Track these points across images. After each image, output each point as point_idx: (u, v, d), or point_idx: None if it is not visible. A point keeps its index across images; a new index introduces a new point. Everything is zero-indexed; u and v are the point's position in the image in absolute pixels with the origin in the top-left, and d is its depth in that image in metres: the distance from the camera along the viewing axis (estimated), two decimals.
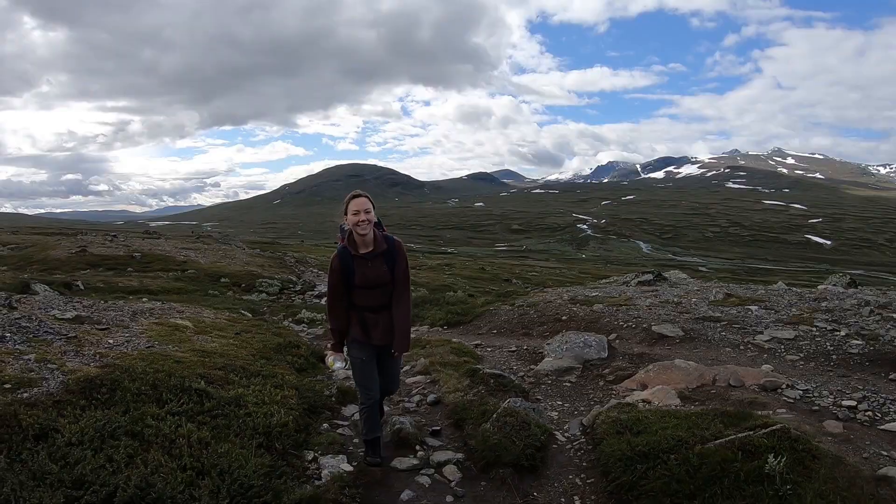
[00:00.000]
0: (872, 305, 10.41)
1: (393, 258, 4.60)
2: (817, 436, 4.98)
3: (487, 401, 5.76)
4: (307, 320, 13.49)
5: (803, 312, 10.00)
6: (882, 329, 8.87)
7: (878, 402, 6.36)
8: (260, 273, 26.20)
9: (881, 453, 5.15)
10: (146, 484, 3.42)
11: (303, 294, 21.99)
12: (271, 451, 4.47)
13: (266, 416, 4.86)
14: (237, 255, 33.30)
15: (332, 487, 4.10)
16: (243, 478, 3.73)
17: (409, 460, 4.90)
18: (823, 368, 7.66)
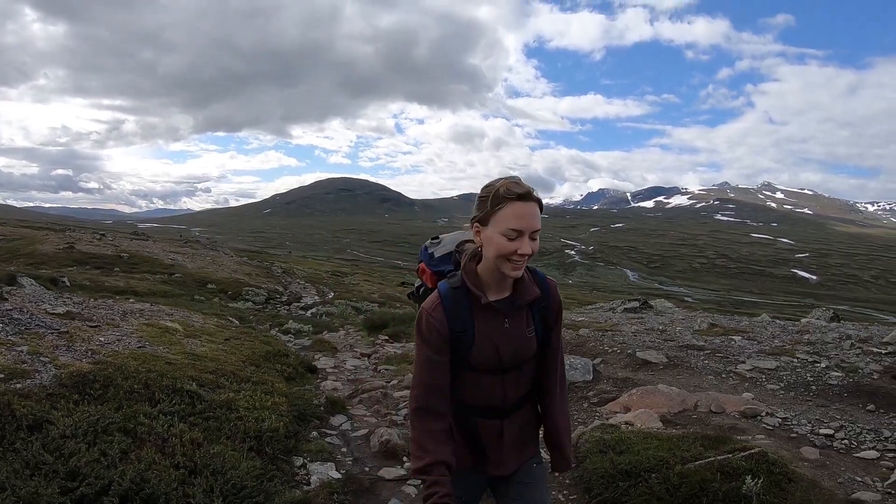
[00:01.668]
0: (853, 339, 10.60)
1: (547, 312, 2.47)
2: (794, 461, 5.10)
3: None
4: (294, 331, 13.50)
5: (785, 344, 10.18)
6: (861, 362, 9.05)
7: (855, 431, 6.52)
8: (247, 281, 26.23)
9: (855, 479, 5.30)
10: (141, 479, 3.46)
11: (289, 305, 22.09)
12: (262, 455, 4.52)
13: (257, 421, 4.91)
14: (225, 262, 33.24)
15: (321, 493, 4.18)
16: (236, 479, 3.78)
17: (397, 470, 4.96)
18: (803, 398, 7.82)
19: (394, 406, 6.69)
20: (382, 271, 60.57)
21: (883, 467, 5.64)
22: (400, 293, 32.04)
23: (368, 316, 16.07)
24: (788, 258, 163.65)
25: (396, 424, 6.06)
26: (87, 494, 3.28)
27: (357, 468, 4.98)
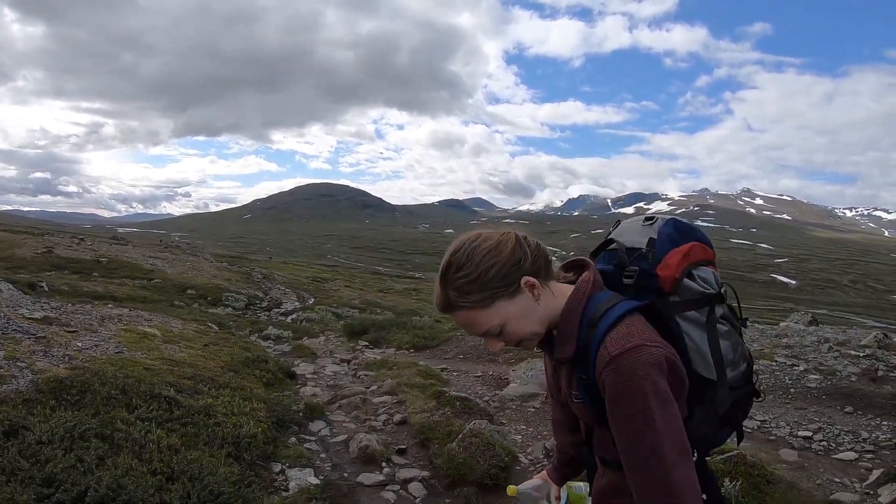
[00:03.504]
0: (832, 342, 10.75)
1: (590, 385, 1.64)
2: (773, 463, 5.16)
3: (453, 422, 5.82)
4: (273, 337, 13.49)
5: (764, 348, 10.29)
6: (839, 365, 9.18)
7: (833, 433, 6.63)
8: (227, 287, 26.14)
9: (834, 480, 5.38)
10: (117, 486, 3.43)
11: (269, 311, 22.10)
12: (240, 460, 4.49)
13: (235, 427, 4.87)
14: (205, 268, 33.07)
15: (299, 499, 4.16)
16: (213, 484, 3.75)
17: (375, 476, 4.95)
18: (781, 401, 7.92)
19: (373, 412, 6.67)
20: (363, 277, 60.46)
21: (861, 468, 5.73)
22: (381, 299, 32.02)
23: (349, 322, 16.05)
24: (768, 263, 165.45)
25: (375, 430, 6.05)
26: (64, 501, 3.26)
27: (336, 474, 4.96)
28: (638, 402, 1.47)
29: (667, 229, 1.75)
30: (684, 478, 1.49)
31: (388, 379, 7.85)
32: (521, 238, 1.63)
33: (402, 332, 13.42)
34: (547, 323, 1.66)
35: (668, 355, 1.54)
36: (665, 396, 1.49)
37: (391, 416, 6.41)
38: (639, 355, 1.48)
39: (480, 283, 1.54)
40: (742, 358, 1.81)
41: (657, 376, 1.49)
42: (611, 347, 1.51)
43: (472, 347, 11.28)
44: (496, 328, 1.60)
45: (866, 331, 13.22)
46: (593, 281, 1.67)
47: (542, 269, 1.65)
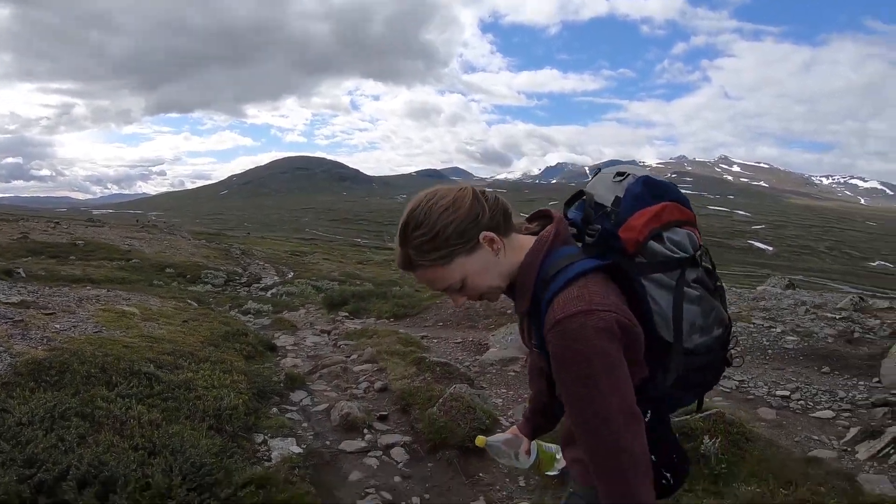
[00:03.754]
0: (808, 305, 10.94)
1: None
2: (752, 421, 5.26)
3: (433, 387, 5.86)
4: (253, 311, 13.47)
5: (742, 310, 10.44)
6: (816, 327, 9.35)
7: (811, 392, 6.76)
8: (205, 264, 26.03)
9: (812, 437, 5.49)
10: (99, 462, 3.43)
11: (248, 286, 22.08)
12: (222, 433, 4.50)
13: (216, 400, 4.88)
14: (182, 246, 32.84)
15: (282, 468, 4.17)
16: (195, 457, 3.75)
17: (358, 443, 5.01)
18: (759, 361, 8.06)
19: (354, 380, 6.70)
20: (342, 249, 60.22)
21: (838, 426, 5.85)
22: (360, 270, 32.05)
23: (328, 294, 16.07)
24: (745, 230, 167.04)
25: (357, 398, 6.09)
26: (46, 480, 3.24)
27: (318, 442, 5.00)
28: (582, 367, 1.47)
29: (635, 188, 1.69)
30: (631, 444, 1.50)
31: (368, 347, 7.87)
32: (478, 193, 1.61)
33: (382, 301, 13.49)
34: (508, 277, 1.65)
35: (621, 319, 1.50)
36: (612, 362, 1.48)
37: (372, 384, 6.45)
38: (585, 320, 1.46)
39: (439, 240, 1.54)
40: (717, 323, 1.78)
41: (605, 342, 1.46)
42: (557, 310, 1.49)
43: (452, 315, 11.35)
44: (457, 284, 1.61)
45: (842, 295, 13.45)
46: (555, 235, 1.64)
47: (501, 223, 1.63)
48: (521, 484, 4.60)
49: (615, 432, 1.49)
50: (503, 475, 4.70)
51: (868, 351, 8.31)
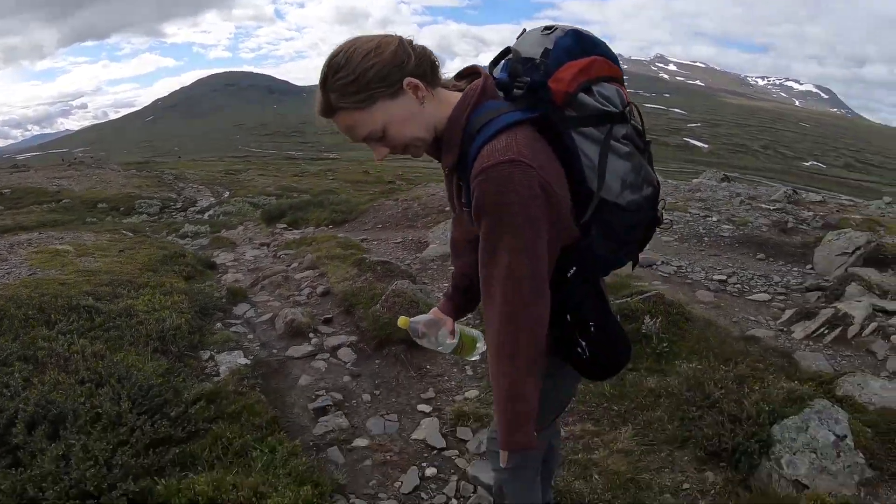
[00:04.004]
0: (743, 197, 11.28)
1: None
2: (690, 303, 5.43)
3: (375, 286, 5.88)
4: (191, 234, 13.25)
5: (678, 201, 10.71)
6: (751, 217, 9.67)
7: (747, 277, 7.01)
8: (138, 194, 25.41)
9: (749, 318, 5.72)
10: (46, 402, 3.38)
11: (184, 211, 21.79)
12: (167, 354, 4.49)
13: (158, 322, 4.82)
14: (113, 179, 31.74)
15: (230, 381, 4.18)
16: (142, 381, 3.74)
17: (304, 347, 5.03)
18: (696, 248, 8.31)
19: (296, 288, 6.67)
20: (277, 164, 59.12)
21: (774, 308, 6.11)
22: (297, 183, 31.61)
23: (265, 208, 15.88)
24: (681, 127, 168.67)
25: (300, 304, 6.09)
26: None
27: (265, 351, 5.02)
28: (503, 216, 1.48)
29: (565, 41, 1.64)
30: (531, 322, 1.57)
31: (308, 254, 7.82)
32: (404, 41, 1.56)
33: (320, 210, 13.42)
34: (432, 130, 1.62)
35: (544, 180, 1.50)
36: (532, 217, 1.49)
37: (314, 289, 6.43)
38: (511, 170, 1.45)
39: (359, 83, 1.49)
40: (646, 182, 1.78)
41: (528, 195, 1.47)
42: (484, 159, 1.48)
43: (391, 216, 11.37)
44: (378, 132, 1.56)
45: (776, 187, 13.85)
46: (482, 88, 1.61)
47: (428, 73, 1.58)
48: (468, 373, 4.71)
49: (522, 296, 1.54)
50: (450, 366, 4.81)
51: (801, 240, 8.67)
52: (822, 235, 8.27)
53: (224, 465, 3.16)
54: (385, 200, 12.99)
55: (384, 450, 3.70)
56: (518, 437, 1.70)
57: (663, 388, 4.03)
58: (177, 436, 3.34)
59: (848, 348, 5.03)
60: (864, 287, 5.97)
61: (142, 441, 3.17)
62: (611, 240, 1.73)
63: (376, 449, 3.71)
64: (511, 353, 1.60)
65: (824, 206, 11.46)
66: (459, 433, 3.88)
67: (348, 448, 3.72)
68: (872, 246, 7.41)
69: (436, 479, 3.44)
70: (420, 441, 3.81)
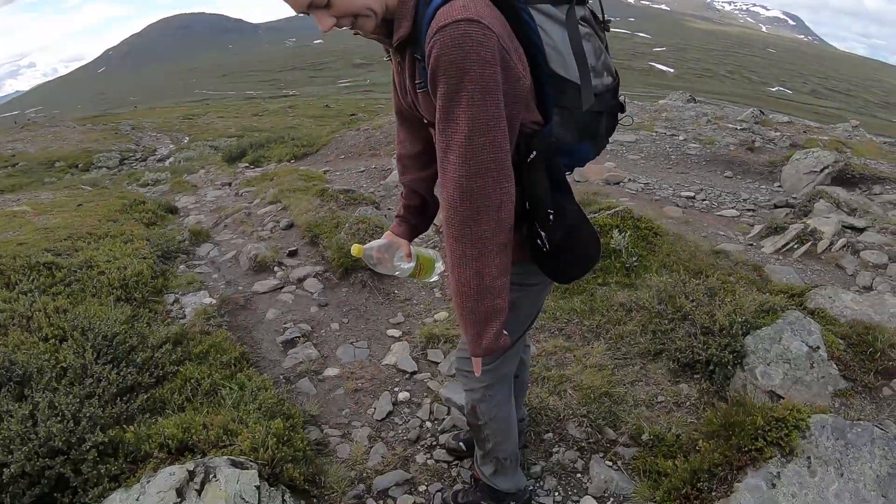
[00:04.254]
0: (710, 116, 11.27)
1: None
2: (659, 219, 5.42)
3: (339, 215, 5.82)
4: (151, 181, 12.99)
5: (644, 120, 10.67)
6: (718, 136, 9.67)
7: (714, 194, 7.03)
8: (96, 149, 24.96)
9: (718, 233, 5.74)
10: (10, 363, 3.29)
11: (144, 160, 21.48)
12: (131, 301, 4.41)
13: (120, 270, 4.73)
14: (69, 136, 31.01)
15: (197, 321, 4.14)
16: (106, 330, 3.66)
17: (270, 281, 4.98)
18: (663, 166, 8.30)
19: (259, 223, 6.56)
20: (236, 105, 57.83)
21: (743, 223, 6.13)
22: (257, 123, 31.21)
23: (226, 149, 15.57)
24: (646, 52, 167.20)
25: (263, 239, 6.00)
26: None
27: (231, 289, 4.95)
28: (461, 77, 1.41)
29: None
30: (494, 176, 1.47)
31: (270, 189, 7.67)
32: None
33: (282, 146, 13.26)
34: (383, 4, 1.52)
35: (503, 47, 1.43)
36: (489, 79, 1.42)
37: (277, 223, 6.32)
38: (468, 28, 1.38)
39: None
40: (605, 69, 1.72)
41: (486, 56, 1.40)
42: (441, 18, 1.40)
43: (353, 146, 11.23)
44: None
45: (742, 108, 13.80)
46: None
47: None
48: (437, 295, 4.69)
49: (483, 163, 1.46)
50: (418, 289, 4.78)
51: (769, 159, 8.71)
52: (790, 154, 8.35)
53: (194, 406, 3.12)
54: (347, 131, 12.81)
55: (355, 377, 3.68)
56: (489, 338, 1.64)
57: (634, 302, 4.03)
58: (145, 382, 3.29)
59: (818, 263, 5.11)
60: (832, 204, 6.03)
61: (109, 391, 3.12)
62: (572, 127, 1.66)
63: (347, 377, 3.69)
64: (474, 236, 1.52)
65: (791, 127, 11.51)
66: (430, 356, 3.87)
67: (319, 378, 3.70)
68: (840, 165, 7.49)
69: (409, 404, 3.43)
70: (391, 366, 3.80)
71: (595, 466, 2.84)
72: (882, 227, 5.53)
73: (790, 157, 8.16)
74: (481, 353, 1.69)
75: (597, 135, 1.79)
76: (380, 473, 2.87)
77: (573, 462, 2.91)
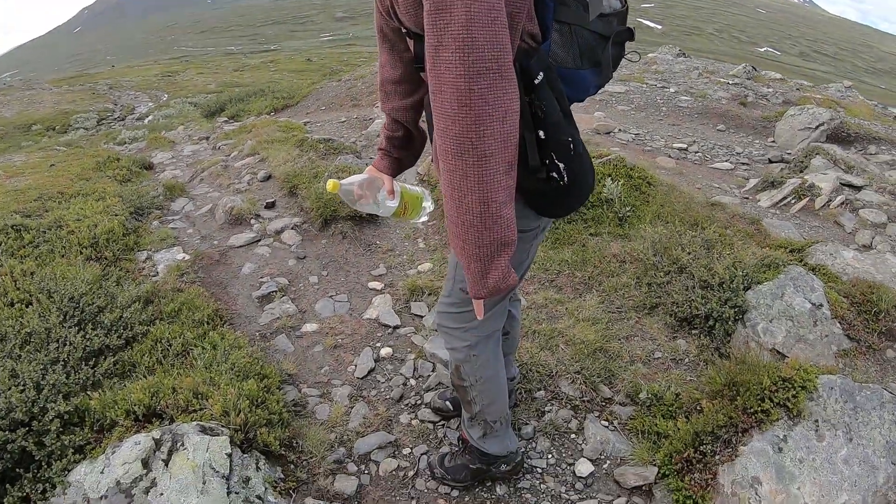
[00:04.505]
0: (701, 70, 11.06)
1: None
2: (651, 169, 5.26)
3: (318, 164, 5.63)
4: (128, 139, 12.58)
5: (634, 72, 10.48)
6: (710, 89, 9.53)
7: (708, 146, 6.90)
8: (73, 110, 24.61)
9: (713, 186, 5.60)
10: None
11: (122, 120, 21.19)
12: (102, 260, 4.25)
13: (90, 229, 4.56)
14: (45, 98, 30.44)
15: (169, 278, 3.98)
16: (73, 291, 3.50)
17: (246, 235, 4.79)
18: (654, 118, 8.13)
19: (236, 176, 6.34)
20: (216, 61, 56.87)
21: (738, 177, 6.01)
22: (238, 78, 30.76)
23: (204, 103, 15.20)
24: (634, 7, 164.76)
25: (240, 192, 5.79)
26: None
27: (206, 244, 4.76)
28: None
29: None
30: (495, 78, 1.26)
31: (248, 141, 7.42)
32: None
33: (262, 99, 13.02)
34: None
35: None
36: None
37: (255, 175, 6.11)
38: None
39: None
40: None
41: None
42: None
43: (335, 97, 11.01)
44: None
45: (734, 64, 13.59)
46: None
47: None
48: (420, 245, 4.52)
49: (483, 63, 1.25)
50: (401, 239, 4.62)
51: (762, 114, 8.60)
52: (783, 111, 8.30)
53: (165, 368, 2.97)
54: (328, 82, 12.57)
55: (335, 333, 3.52)
56: (496, 276, 1.46)
57: (628, 254, 3.90)
58: (113, 344, 3.14)
59: (815, 219, 5.00)
60: (828, 161, 5.93)
61: (74, 356, 2.96)
62: (573, 47, 1.49)
63: (327, 333, 3.53)
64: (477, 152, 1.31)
65: (784, 84, 11.40)
66: (414, 309, 3.72)
67: (297, 335, 3.54)
68: (836, 123, 7.44)
69: (392, 360, 3.28)
70: (373, 320, 3.64)
71: (590, 427, 2.72)
72: (880, 187, 5.44)
73: (784, 113, 8.13)
74: (486, 293, 1.50)
75: (601, 62, 1.58)
76: (361, 436, 2.72)
77: (567, 422, 2.78)
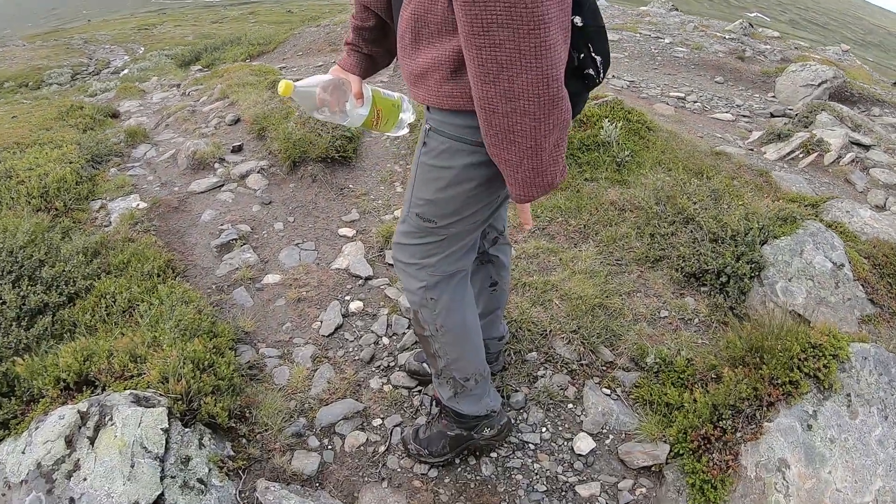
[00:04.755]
0: (696, 23, 10.81)
1: None
2: (650, 114, 4.92)
3: (289, 104, 5.21)
4: (100, 90, 12.03)
5: (627, 23, 10.22)
6: (706, 42, 9.35)
7: (706, 97, 6.70)
8: (46, 65, 23.93)
9: (715, 135, 5.32)
10: None
11: (97, 74, 20.63)
12: (51, 210, 3.92)
13: (41, 178, 4.20)
14: (18, 54, 29.66)
15: (121, 228, 3.63)
16: (11, 245, 3.14)
17: (209, 180, 4.40)
18: (649, 66, 7.87)
19: (203, 120, 5.90)
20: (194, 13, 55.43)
21: (740, 128, 5.73)
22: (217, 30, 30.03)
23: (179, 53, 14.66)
24: None
25: (206, 136, 5.35)
26: None
27: (165, 191, 4.38)
28: None
29: None
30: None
31: (218, 85, 6.94)
32: None
33: (237, 47, 12.59)
34: None
35: None
36: None
37: (223, 119, 5.68)
38: None
39: None
40: None
41: None
42: None
43: (313, 42, 10.62)
44: None
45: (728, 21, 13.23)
46: None
47: None
48: (398, 190, 4.18)
49: None
50: (376, 183, 4.27)
51: (761, 69, 8.47)
52: (783, 67, 8.15)
53: (109, 327, 2.62)
54: (306, 28, 12.03)
55: (299, 284, 3.17)
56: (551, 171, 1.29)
57: (628, 201, 3.57)
58: (53, 301, 2.80)
59: (825, 175, 4.74)
60: (835, 117, 5.69)
61: (7, 315, 2.64)
62: None
63: (290, 284, 3.18)
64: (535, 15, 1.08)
65: (782, 42, 11.06)
66: (388, 258, 3.37)
67: (257, 287, 3.19)
68: (839, 82, 7.36)
69: (362, 315, 2.93)
70: (342, 270, 3.30)
71: (590, 395, 2.39)
72: (889, 147, 5.22)
73: (784, 69, 7.90)
74: (539, 192, 1.32)
75: None
76: (325, 404, 2.39)
77: (563, 389, 2.45)
